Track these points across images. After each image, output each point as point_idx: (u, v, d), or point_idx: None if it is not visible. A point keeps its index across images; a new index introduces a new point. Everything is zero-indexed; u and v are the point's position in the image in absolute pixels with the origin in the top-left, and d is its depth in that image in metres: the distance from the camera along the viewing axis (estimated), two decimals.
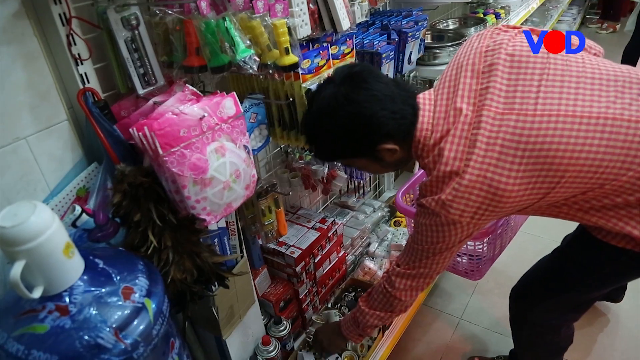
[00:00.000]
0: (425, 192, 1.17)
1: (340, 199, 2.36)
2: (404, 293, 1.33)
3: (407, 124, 1.15)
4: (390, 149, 1.16)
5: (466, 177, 1.07)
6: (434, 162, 1.13)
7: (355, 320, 1.47)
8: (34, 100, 1.06)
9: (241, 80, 1.42)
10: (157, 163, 1.02)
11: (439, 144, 1.12)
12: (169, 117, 0.99)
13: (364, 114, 1.11)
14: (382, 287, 1.37)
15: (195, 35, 1.09)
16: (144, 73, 1.15)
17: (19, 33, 1.01)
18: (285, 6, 1.16)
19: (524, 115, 1.05)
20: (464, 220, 1.12)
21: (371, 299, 1.42)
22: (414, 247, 1.27)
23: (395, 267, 1.34)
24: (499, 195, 1.06)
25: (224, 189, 1.07)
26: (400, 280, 1.32)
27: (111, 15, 1.08)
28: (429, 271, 1.29)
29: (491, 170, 1.06)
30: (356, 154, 1.21)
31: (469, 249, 1.80)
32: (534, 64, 1.10)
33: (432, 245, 1.21)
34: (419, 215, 1.21)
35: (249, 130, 1.28)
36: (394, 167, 1.29)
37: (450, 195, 1.09)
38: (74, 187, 1.13)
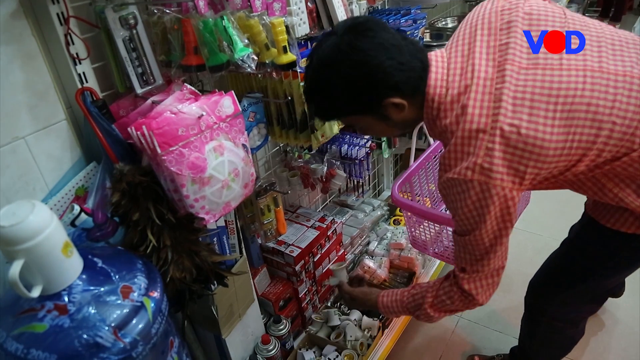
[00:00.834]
0: (451, 163, 1.04)
1: (339, 198, 2.36)
2: (484, 295, 1.20)
3: (415, 78, 1.05)
4: (397, 103, 1.05)
5: (497, 134, 0.97)
6: (457, 122, 1.02)
7: (406, 309, 1.33)
8: (32, 100, 1.06)
9: (239, 79, 1.42)
10: (156, 162, 1.02)
11: (457, 102, 1.03)
12: (168, 116, 0.99)
13: (370, 63, 1.00)
14: (457, 295, 1.21)
15: (193, 34, 1.09)
16: (142, 72, 1.15)
17: (17, 33, 1.01)
18: (283, 5, 1.16)
19: (550, 69, 0.99)
20: (506, 184, 1.00)
21: (440, 304, 1.25)
22: (468, 243, 1.11)
23: (460, 273, 1.19)
24: (537, 149, 0.97)
25: (223, 188, 1.07)
26: (474, 284, 1.18)
27: (109, 15, 1.08)
28: (500, 261, 1.15)
29: (524, 125, 0.97)
30: (360, 110, 1.09)
31: None
32: (553, 21, 1.05)
33: (486, 230, 1.06)
34: (453, 196, 1.06)
35: (248, 129, 1.28)
36: (400, 128, 1.16)
37: (487, 157, 0.98)
38: (73, 186, 1.13)
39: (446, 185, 1.06)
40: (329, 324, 1.87)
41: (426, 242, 1.78)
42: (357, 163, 1.81)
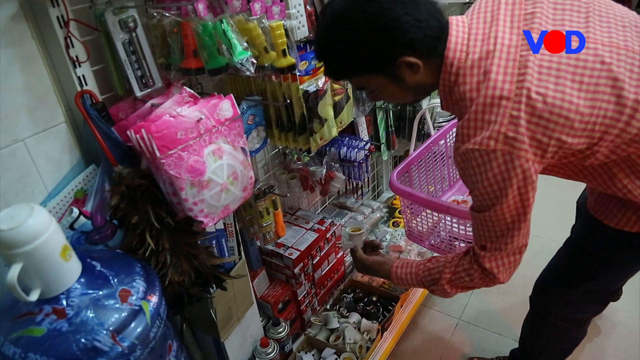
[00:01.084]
0: (470, 133, 0.98)
1: (338, 200, 2.36)
2: (506, 273, 1.14)
3: (432, 37, 0.99)
4: (411, 63, 0.99)
5: (523, 101, 0.93)
6: (477, 89, 0.97)
7: (421, 283, 1.27)
8: (32, 103, 1.06)
9: (239, 82, 1.42)
10: (155, 165, 1.02)
11: (478, 67, 0.98)
12: (167, 119, 0.99)
13: (386, 17, 0.95)
14: (477, 272, 1.15)
15: (192, 38, 1.10)
16: (141, 75, 1.15)
17: (17, 36, 1.01)
18: (282, 8, 1.17)
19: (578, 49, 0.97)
20: (530, 156, 0.95)
21: (458, 280, 1.19)
22: (488, 220, 1.06)
23: (481, 250, 1.13)
24: (563, 120, 0.94)
25: (222, 191, 1.07)
26: (495, 263, 1.12)
27: (109, 18, 1.08)
28: (524, 239, 1.11)
29: (551, 94, 0.93)
30: (373, 69, 1.03)
31: (468, 235, 1.79)
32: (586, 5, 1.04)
33: (508, 205, 1.01)
34: (472, 169, 1.00)
35: (247, 132, 1.28)
36: (413, 92, 1.10)
37: (511, 125, 0.93)
38: (72, 189, 1.13)
39: (465, 157, 1.00)
40: (328, 327, 1.87)
41: (422, 234, 1.75)
42: (356, 165, 1.81)
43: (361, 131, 1.99)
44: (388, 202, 2.60)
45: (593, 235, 1.35)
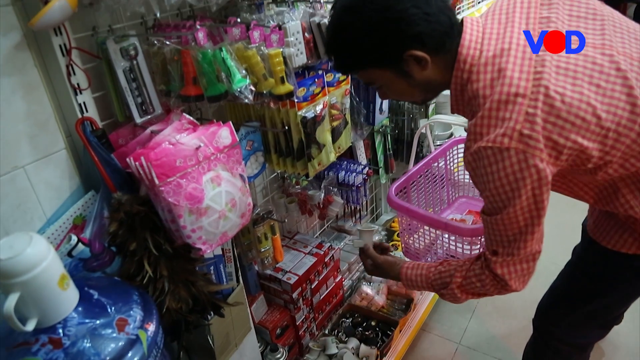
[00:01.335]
0: (483, 131, 0.95)
1: (337, 223, 2.36)
2: (518, 281, 1.10)
3: (441, 33, 0.99)
4: (419, 57, 0.99)
5: (540, 99, 0.91)
6: (491, 86, 0.96)
7: (431, 286, 1.24)
8: (33, 130, 1.07)
9: (238, 107, 1.44)
10: (154, 192, 1.03)
11: (493, 64, 0.97)
12: (166, 147, 1.00)
13: (394, 8, 0.95)
14: (489, 279, 1.11)
15: (192, 65, 1.11)
16: (141, 102, 1.16)
17: (20, 64, 1.03)
18: (280, 36, 1.18)
19: (592, 48, 0.97)
20: (545, 156, 0.92)
21: (469, 286, 1.16)
22: (500, 223, 1.02)
23: (492, 256, 1.08)
24: (580, 121, 0.92)
25: (220, 218, 1.07)
26: (507, 269, 1.07)
27: (110, 46, 1.10)
28: (537, 245, 1.06)
29: (569, 94, 0.91)
30: (380, 62, 1.03)
31: (465, 253, 1.78)
32: (594, 7, 1.05)
33: (521, 207, 0.97)
34: (484, 169, 0.97)
35: (245, 157, 1.29)
36: (422, 89, 1.09)
37: (527, 123, 0.90)
38: (71, 215, 1.14)
39: (476, 156, 0.97)
40: (326, 352, 1.86)
41: (419, 252, 1.74)
42: (354, 189, 1.82)
43: (359, 155, 2.00)
44: (387, 225, 2.60)
45: (592, 257, 1.35)
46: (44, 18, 0.93)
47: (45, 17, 0.93)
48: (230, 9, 1.34)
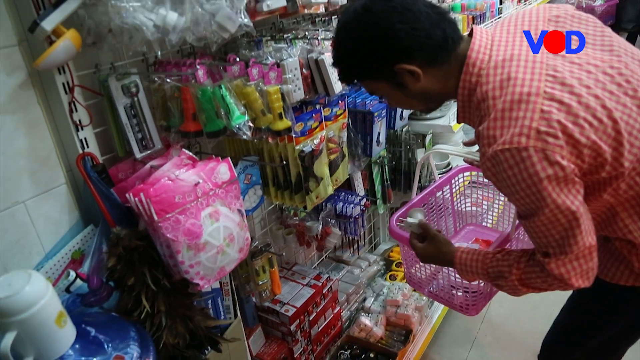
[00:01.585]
0: (496, 133, 0.93)
1: (335, 254, 2.36)
2: (581, 278, 1.03)
3: (432, 46, 0.99)
4: (410, 70, 1.00)
5: (556, 97, 0.90)
6: (500, 87, 0.95)
7: (486, 274, 1.18)
8: (34, 165, 1.09)
9: (236, 141, 1.46)
10: (152, 228, 1.04)
11: (502, 67, 0.97)
12: (165, 183, 1.01)
13: (379, 25, 0.98)
14: (550, 279, 1.05)
15: (192, 102, 1.14)
16: (141, 137, 1.18)
17: (24, 102, 1.05)
18: (279, 74, 1.21)
19: (601, 61, 0.98)
20: (565, 153, 0.90)
21: (529, 281, 1.10)
22: (541, 225, 0.98)
23: (544, 257, 1.04)
24: (597, 122, 0.91)
25: (218, 253, 1.08)
26: (565, 268, 1.02)
27: (112, 83, 1.12)
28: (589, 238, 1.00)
29: (585, 95, 0.90)
30: (374, 75, 1.06)
31: (464, 283, 1.77)
32: (602, 27, 1.07)
33: (556, 205, 0.93)
34: (504, 173, 0.94)
35: (243, 191, 1.30)
36: (420, 99, 1.10)
37: (542, 120, 0.88)
38: (70, 249, 1.14)
39: (494, 160, 0.94)
40: None
41: (422, 281, 1.74)
42: (352, 221, 1.83)
43: (357, 185, 2.02)
44: (385, 255, 2.60)
45: (591, 290, 1.34)
46: (48, 58, 0.95)
47: (50, 58, 0.95)
48: (230, 45, 1.37)
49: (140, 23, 0.96)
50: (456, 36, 1.03)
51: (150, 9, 0.98)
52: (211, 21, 1.06)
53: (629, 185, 1.02)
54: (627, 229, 1.10)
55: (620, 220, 1.09)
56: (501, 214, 1.91)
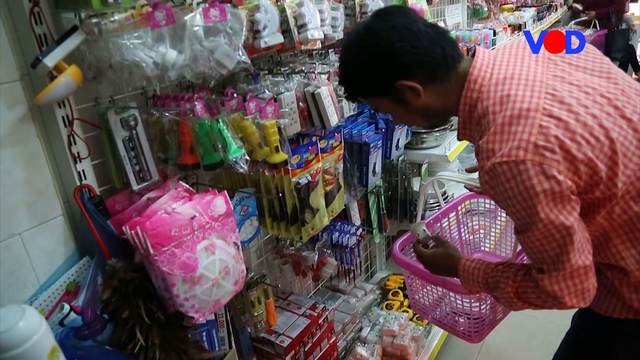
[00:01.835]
0: (495, 147, 0.94)
1: (331, 283, 2.35)
2: (573, 297, 1.02)
3: (432, 64, 1.03)
4: (411, 86, 1.04)
5: (554, 114, 0.92)
6: (500, 103, 0.97)
7: (485, 284, 1.17)
8: (31, 197, 1.09)
9: (233, 173, 1.47)
10: (148, 261, 1.04)
11: (503, 84, 1.00)
12: (162, 216, 1.02)
13: (380, 44, 1.03)
14: (544, 295, 1.05)
15: (189, 135, 1.15)
16: (139, 170, 1.19)
17: (24, 135, 1.06)
18: (275, 108, 1.23)
19: (598, 86, 1.01)
20: (562, 168, 0.92)
21: (524, 295, 1.10)
22: (535, 240, 0.98)
23: (539, 274, 1.04)
24: (594, 140, 0.93)
25: (213, 286, 1.08)
26: (559, 286, 1.01)
27: (111, 117, 1.14)
28: (583, 257, 1.00)
29: (582, 113, 0.92)
30: (376, 92, 1.10)
31: (466, 309, 1.75)
32: (600, 57, 1.10)
33: (549, 220, 0.94)
34: (501, 185, 0.95)
35: (240, 222, 1.31)
36: (423, 115, 1.13)
37: (540, 135, 0.91)
38: (64, 281, 1.14)
39: (492, 173, 0.96)
40: None
41: (426, 307, 1.72)
42: (348, 251, 1.83)
43: (353, 215, 2.03)
44: (381, 283, 2.59)
45: (587, 324, 1.34)
46: (49, 94, 0.97)
47: (51, 94, 0.97)
48: (228, 78, 1.39)
49: (140, 60, 0.98)
50: (456, 54, 1.07)
51: (150, 46, 1.00)
52: (209, 57, 1.08)
53: (623, 209, 1.03)
54: (619, 255, 1.10)
55: (614, 247, 1.10)
56: (498, 240, 1.92)
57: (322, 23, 1.41)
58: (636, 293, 1.10)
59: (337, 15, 1.50)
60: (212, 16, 1.06)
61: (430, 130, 2.44)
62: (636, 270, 1.08)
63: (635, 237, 1.07)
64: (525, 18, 4.36)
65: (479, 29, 3.29)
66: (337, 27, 1.51)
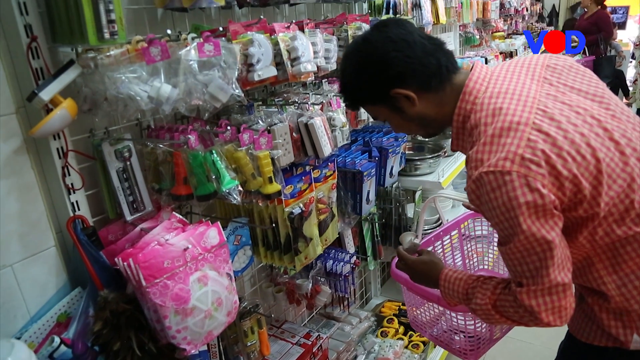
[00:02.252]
0: (484, 157, 0.96)
1: (325, 310, 2.34)
2: (550, 314, 1.01)
3: (426, 74, 1.07)
4: (405, 95, 1.07)
5: (543, 129, 0.94)
6: (492, 115, 1.00)
7: (465, 294, 1.17)
8: (24, 229, 1.10)
9: (227, 203, 1.47)
10: (140, 292, 1.04)
11: (497, 97, 1.03)
12: (154, 247, 1.02)
13: (374, 53, 1.07)
14: (522, 310, 1.04)
15: (183, 166, 1.16)
16: (132, 200, 1.20)
17: (18, 167, 1.07)
18: (269, 139, 1.25)
19: (590, 107, 1.04)
20: (547, 182, 0.93)
21: (504, 310, 1.09)
22: (516, 252, 0.99)
23: (517, 287, 1.04)
24: (580, 158, 0.95)
25: (206, 318, 1.08)
26: (536, 301, 1.01)
27: (105, 148, 1.15)
28: (562, 274, 1.00)
29: (571, 130, 0.95)
30: (373, 99, 1.13)
31: (462, 327, 1.73)
32: (596, 81, 1.13)
33: (531, 232, 0.95)
34: (487, 195, 0.97)
35: (233, 252, 1.31)
36: (419, 124, 1.16)
37: (528, 148, 0.93)
38: (55, 312, 1.13)
39: (479, 183, 0.97)
40: None
41: (425, 324, 1.71)
42: (342, 279, 1.83)
43: (347, 242, 2.03)
44: (376, 310, 2.57)
45: (572, 350, 1.33)
46: (43, 128, 0.98)
47: (45, 127, 0.98)
48: (222, 109, 1.41)
49: (135, 94, 1.00)
50: (451, 66, 1.10)
51: (145, 80, 1.02)
52: (203, 90, 1.10)
53: (606, 232, 1.04)
54: (601, 280, 1.10)
55: (596, 271, 1.10)
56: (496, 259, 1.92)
57: (315, 55, 1.44)
58: (615, 320, 1.11)
59: (330, 47, 1.53)
60: (207, 51, 1.08)
61: (424, 157, 2.46)
62: (617, 295, 1.08)
63: (617, 263, 1.07)
64: (516, 45, 4.44)
65: (471, 57, 3.35)
66: (330, 59, 1.53)
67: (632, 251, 1.04)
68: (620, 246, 1.06)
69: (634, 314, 1.08)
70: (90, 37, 0.96)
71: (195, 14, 1.40)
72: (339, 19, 1.72)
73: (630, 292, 1.07)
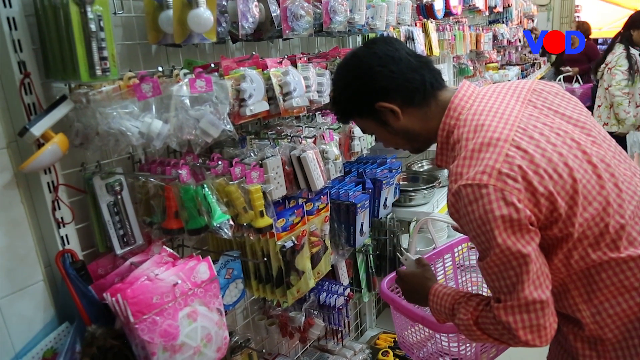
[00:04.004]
0: (463, 171, 0.99)
1: (319, 343, 2.30)
2: (527, 332, 1.00)
3: (410, 89, 1.10)
4: (390, 108, 1.11)
5: (522, 146, 0.98)
6: (474, 131, 1.03)
7: (451, 309, 1.16)
8: (11, 264, 1.09)
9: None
10: (128, 328, 1.02)
11: (480, 114, 1.06)
12: (143, 283, 1.01)
13: (360, 67, 1.12)
14: (500, 326, 1.03)
15: (174, 200, 1.16)
16: (123, 234, 1.19)
17: (8, 202, 1.07)
18: (261, 173, 1.25)
19: (571, 131, 1.07)
20: (522, 197, 0.95)
21: (485, 327, 1.08)
22: (493, 266, 1.00)
23: (495, 303, 1.04)
24: (556, 176, 0.97)
25: (195, 354, 1.06)
26: (513, 318, 1.00)
27: (96, 182, 1.15)
28: (538, 291, 0.99)
29: (549, 150, 0.98)
30: (360, 112, 1.18)
31: (451, 350, 1.69)
32: (581, 109, 1.16)
33: (507, 246, 0.96)
34: (464, 208, 0.99)
35: (224, 286, 1.30)
36: (404, 137, 1.19)
37: (505, 163, 0.96)
38: (42, 348, 1.12)
39: (457, 196, 1.00)
40: None
41: (413, 345, 1.68)
42: (336, 311, 1.81)
43: (341, 274, 2.01)
44: (371, 342, 2.54)
45: None
46: (34, 163, 0.98)
47: (36, 162, 0.99)
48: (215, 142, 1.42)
49: (126, 129, 1.01)
50: (436, 82, 1.14)
51: (136, 116, 1.03)
52: (195, 125, 1.11)
53: (581, 255, 1.04)
54: (576, 307, 1.10)
55: (571, 298, 1.10)
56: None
57: (307, 89, 1.46)
58: (590, 349, 1.10)
59: (322, 81, 1.55)
60: (198, 87, 1.09)
61: (418, 188, 2.47)
62: (591, 323, 1.08)
63: (592, 290, 1.07)
64: (509, 76, 4.50)
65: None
66: (322, 92, 1.55)
67: (607, 278, 1.05)
68: (596, 272, 1.06)
69: (607, 342, 1.08)
70: (82, 74, 0.97)
71: (189, 49, 1.43)
72: (332, 53, 1.75)
73: (604, 320, 1.07)
